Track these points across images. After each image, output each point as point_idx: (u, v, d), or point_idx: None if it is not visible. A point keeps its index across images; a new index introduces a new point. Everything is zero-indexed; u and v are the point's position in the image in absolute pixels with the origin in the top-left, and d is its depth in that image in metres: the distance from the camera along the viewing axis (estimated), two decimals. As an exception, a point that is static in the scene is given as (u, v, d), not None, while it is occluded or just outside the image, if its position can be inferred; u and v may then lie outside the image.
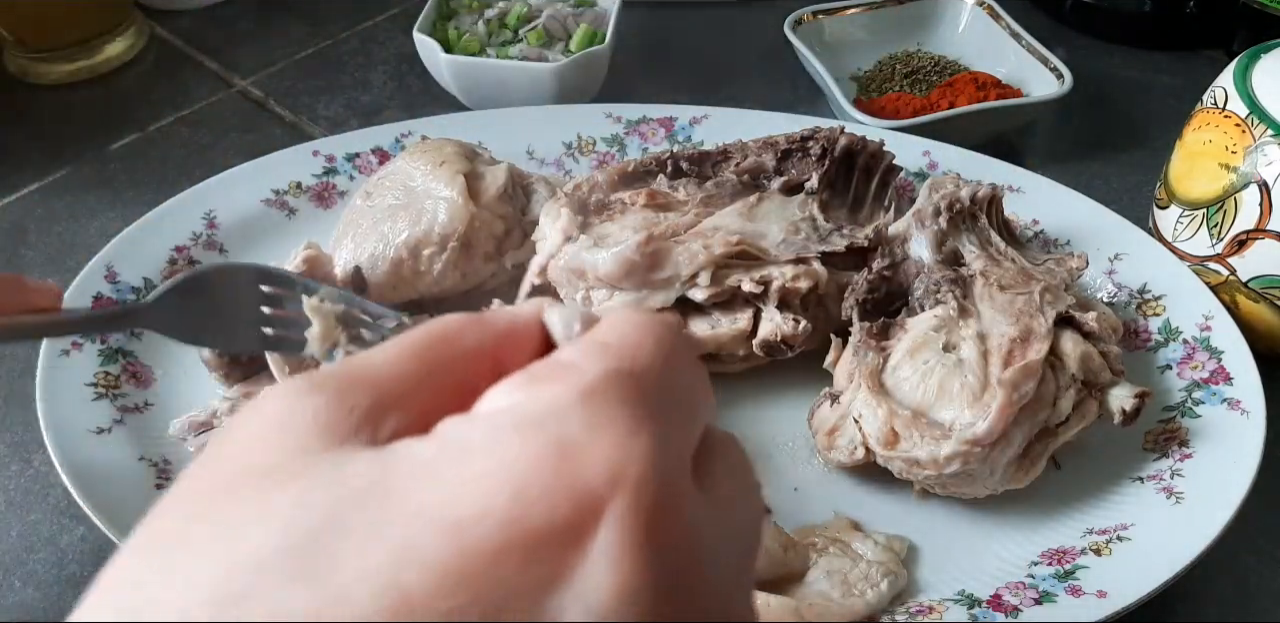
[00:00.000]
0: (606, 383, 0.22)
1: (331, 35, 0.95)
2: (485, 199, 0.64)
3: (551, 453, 0.20)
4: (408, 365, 0.24)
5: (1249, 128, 0.61)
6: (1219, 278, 0.64)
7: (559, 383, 0.22)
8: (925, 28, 0.91)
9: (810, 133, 0.66)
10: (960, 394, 0.54)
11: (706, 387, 0.26)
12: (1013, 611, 0.51)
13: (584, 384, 0.22)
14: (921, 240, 0.62)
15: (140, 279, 0.65)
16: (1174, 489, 0.56)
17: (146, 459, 0.57)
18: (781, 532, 0.54)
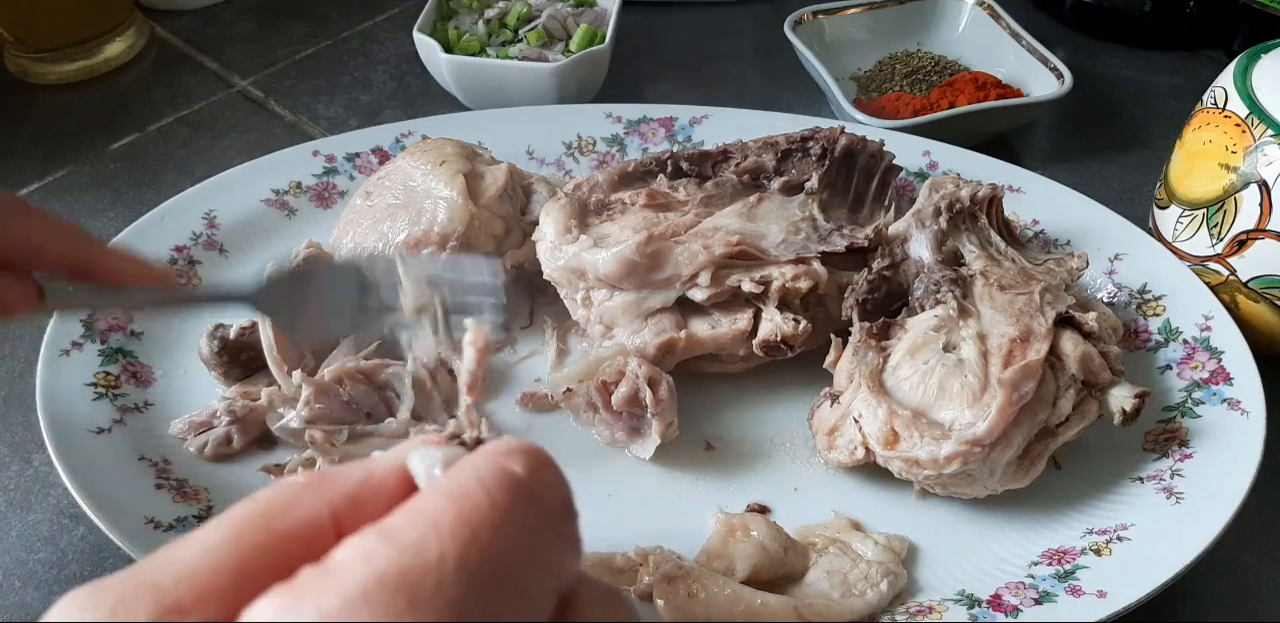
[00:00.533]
0: (372, 593, 0.21)
1: (331, 35, 0.95)
2: (485, 199, 0.64)
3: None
4: (218, 558, 0.23)
5: (1249, 128, 0.61)
6: (1219, 278, 0.64)
7: (319, 597, 0.21)
8: (925, 28, 0.91)
9: (810, 133, 0.66)
10: (960, 394, 0.54)
11: (559, 542, 0.25)
12: (1013, 611, 0.51)
13: (346, 597, 0.21)
14: (921, 240, 0.62)
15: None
16: (1174, 489, 0.56)
17: (146, 459, 0.57)
18: (781, 532, 0.54)
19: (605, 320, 0.61)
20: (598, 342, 0.61)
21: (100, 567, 0.56)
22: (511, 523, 0.23)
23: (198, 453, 0.58)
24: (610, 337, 0.61)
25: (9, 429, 0.63)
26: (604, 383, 0.58)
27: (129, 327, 0.63)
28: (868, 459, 0.55)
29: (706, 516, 0.56)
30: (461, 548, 0.22)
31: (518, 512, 0.23)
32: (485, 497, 0.23)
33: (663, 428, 0.58)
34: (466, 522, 0.22)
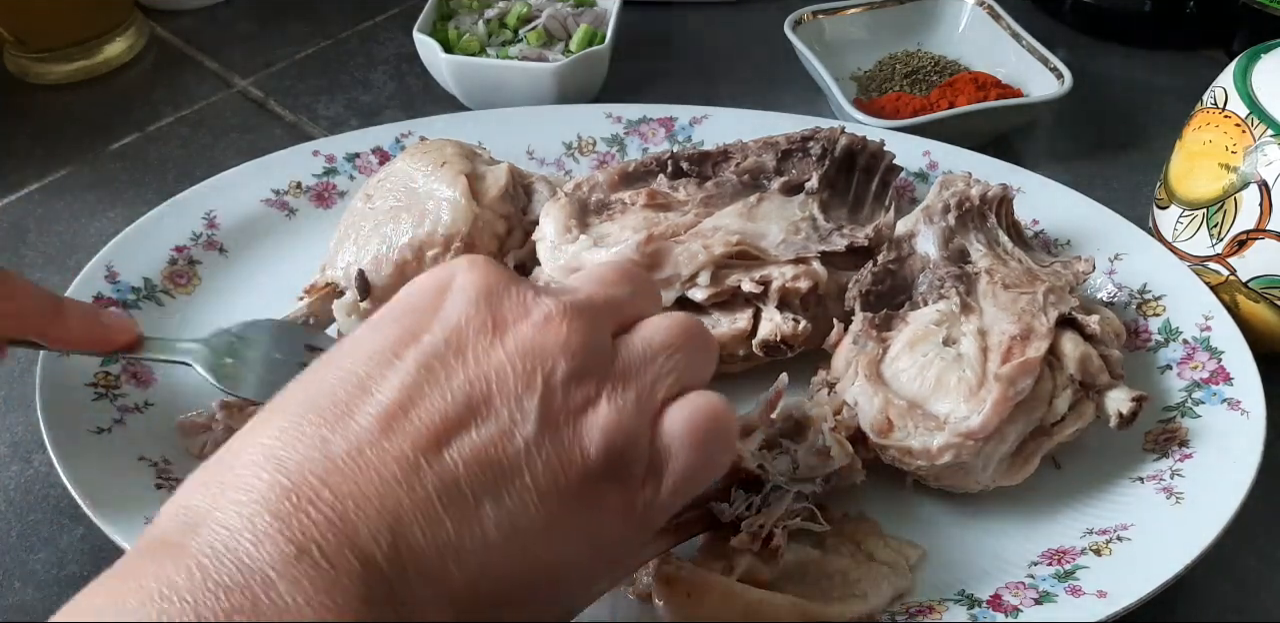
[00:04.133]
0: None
1: (331, 35, 0.95)
2: (487, 199, 0.64)
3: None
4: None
5: (1249, 128, 0.61)
6: (1219, 278, 0.64)
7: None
8: (925, 28, 0.91)
9: (810, 133, 0.66)
10: (957, 388, 0.54)
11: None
12: (1013, 611, 0.51)
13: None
14: (929, 236, 0.62)
15: (140, 279, 0.65)
16: (1174, 489, 0.56)
17: (146, 459, 0.56)
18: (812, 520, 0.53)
19: (605, 320, 0.61)
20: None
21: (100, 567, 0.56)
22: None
23: (197, 453, 0.58)
24: (610, 337, 0.61)
25: (9, 429, 0.63)
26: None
27: (129, 327, 0.63)
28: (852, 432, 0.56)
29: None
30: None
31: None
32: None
33: (663, 428, 0.58)
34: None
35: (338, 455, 0.32)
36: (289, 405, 0.34)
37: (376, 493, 0.31)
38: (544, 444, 0.33)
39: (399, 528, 0.31)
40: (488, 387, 0.34)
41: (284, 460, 0.32)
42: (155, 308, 0.65)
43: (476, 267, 0.37)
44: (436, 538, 0.31)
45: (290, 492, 0.31)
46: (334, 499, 0.31)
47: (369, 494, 0.31)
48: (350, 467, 0.31)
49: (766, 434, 0.54)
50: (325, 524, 0.30)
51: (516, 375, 0.34)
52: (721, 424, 0.37)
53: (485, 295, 0.36)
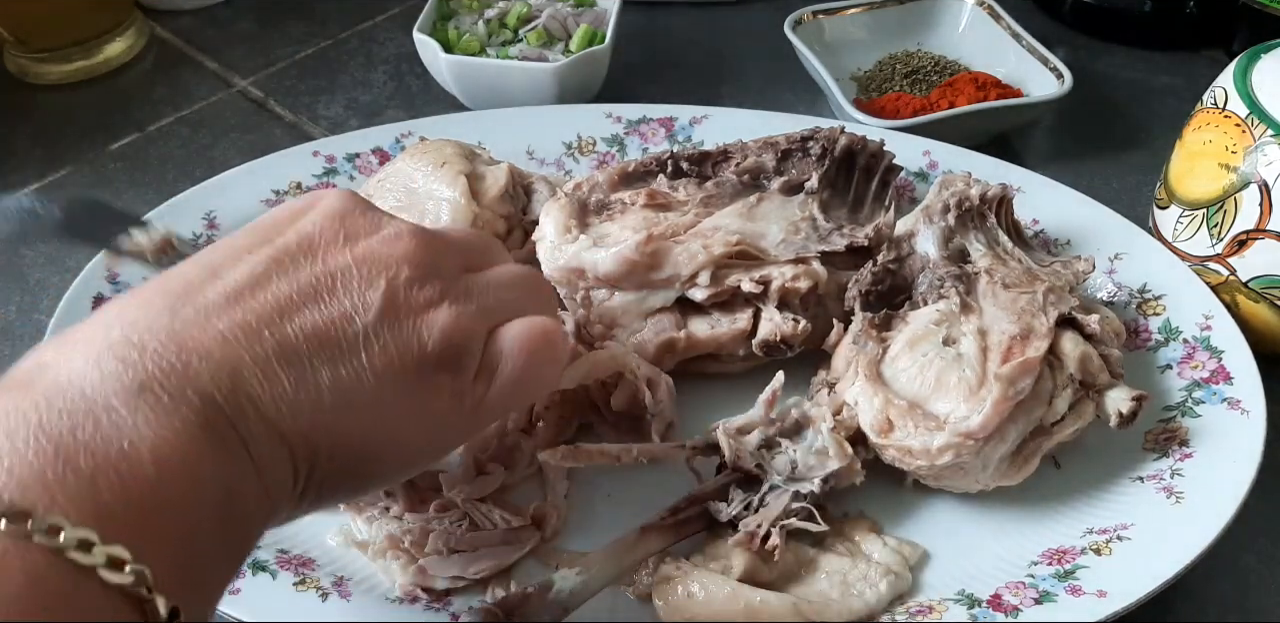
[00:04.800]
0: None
1: (331, 35, 0.95)
2: (487, 199, 0.64)
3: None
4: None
5: (1249, 128, 0.61)
6: (1219, 278, 0.64)
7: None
8: (925, 28, 0.91)
9: (810, 133, 0.66)
10: (957, 388, 0.54)
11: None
12: (1013, 611, 0.51)
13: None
14: (929, 236, 0.62)
15: (140, 279, 0.65)
16: (1174, 489, 0.56)
17: (146, 459, 0.56)
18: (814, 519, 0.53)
19: (605, 320, 0.61)
20: (598, 342, 0.61)
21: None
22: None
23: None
24: (610, 337, 0.61)
25: (9, 429, 0.62)
26: (603, 384, 0.58)
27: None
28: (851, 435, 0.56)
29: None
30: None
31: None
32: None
33: (662, 429, 0.58)
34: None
35: (184, 319, 0.35)
36: (146, 288, 0.37)
37: (219, 350, 0.35)
38: (382, 332, 0.38)
39: (238, 378, 0.34)
40: (332, 281, 0.38)
41: (134, 321, 0.35)
42: (155, 308, 0.65)
43: (339, 195, 0.42)
44: (273, 390, 0.35)
45: (136, 345, 0.34)
46: (178, 351, 0.34)
47: (211, 350, 0.34)
48: (195, 328, 0.35)
49: (765, 434, 0.54)
50: (168, 369, 0.33)
51: (361, 276, 0.38)
52: (551, 340, 0.43)
53: (341, 214, 0.40)
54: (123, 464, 0.30)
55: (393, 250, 0.40)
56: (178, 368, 0.33)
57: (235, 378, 0.34)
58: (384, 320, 0.38)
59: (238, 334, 0.35)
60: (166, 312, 0.35)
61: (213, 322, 0.35)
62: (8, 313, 0.69)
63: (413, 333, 0.38)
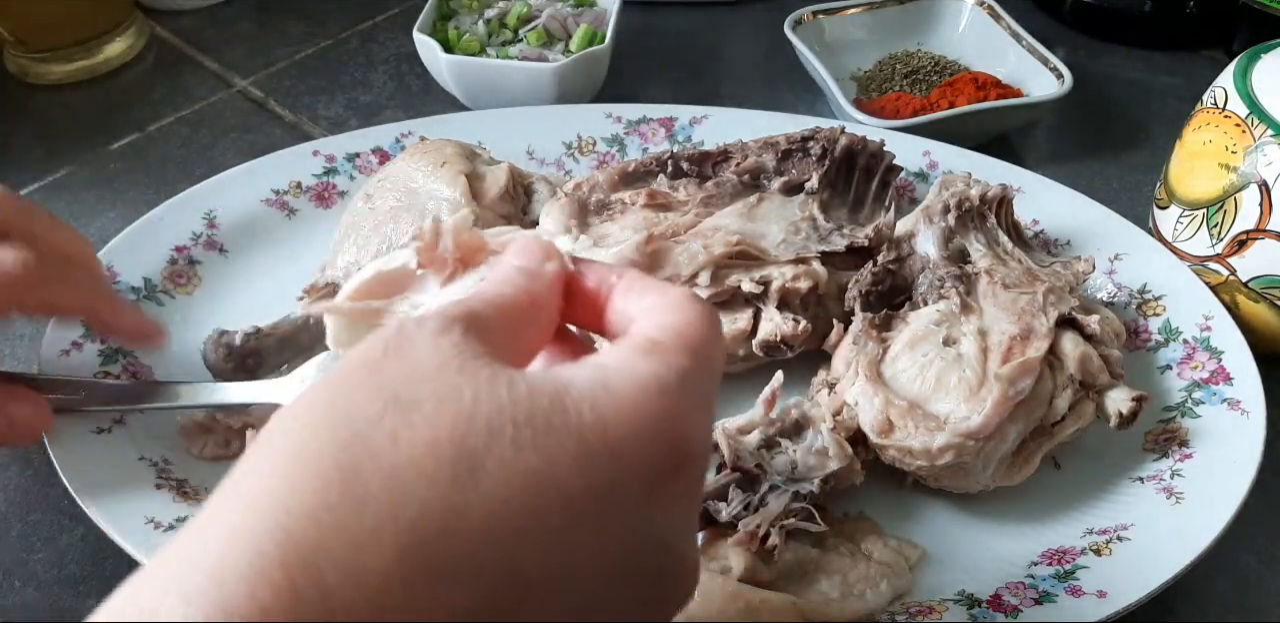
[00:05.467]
0: (692, 370, 0.31)
1: (331, 35, 0.95)
2: (487, 199, 0.64)
3: (673, 419, 0.30)
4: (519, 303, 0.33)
5: (1249, 128, 0.61)
6: (1219, 278, 0.64)
7: (666, 359, 0.31)
8: (925, 28, 0.91)
9: (810, 133, 0.66)
10: (957, 388, 0.54)
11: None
12: (1013, 611, 0.51)
13: (678, 365, 0.31)
14: (929, 236, 0.62)
15: (140, 279, 0.65)
16: (1174, 489, 0.56)
17: (146, 459, 0.56)
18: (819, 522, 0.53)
19: (605, 320, 0.61)
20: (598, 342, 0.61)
21: (100, 567, 0.56)
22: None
23: (197, 454, 0.58)
24: (610, 337, 0.61)
25: (9, 429, 0.62)
26: (604, 383, 0.58)
27: (129, 327, 0.63)
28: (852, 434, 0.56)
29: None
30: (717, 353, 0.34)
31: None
32: (714, 330, 0.34)
33: (663, 428, 0.58)
34: (716, 340, 0.34)
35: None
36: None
37: None
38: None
39: None
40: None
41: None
42: (155, 308, 0.65)
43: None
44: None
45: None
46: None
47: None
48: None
49: (765, 434, 0.54)
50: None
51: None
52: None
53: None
54: None
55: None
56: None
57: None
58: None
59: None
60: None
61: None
62: (8, 313, 0.69)
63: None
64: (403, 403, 0.27)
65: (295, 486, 0.26)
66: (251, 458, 0.28)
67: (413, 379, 0.28)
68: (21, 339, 0.67)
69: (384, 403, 0.27)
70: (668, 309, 0.33)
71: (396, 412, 0.27)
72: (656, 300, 0.33)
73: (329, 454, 0.26)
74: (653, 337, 0.31)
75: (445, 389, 0.28)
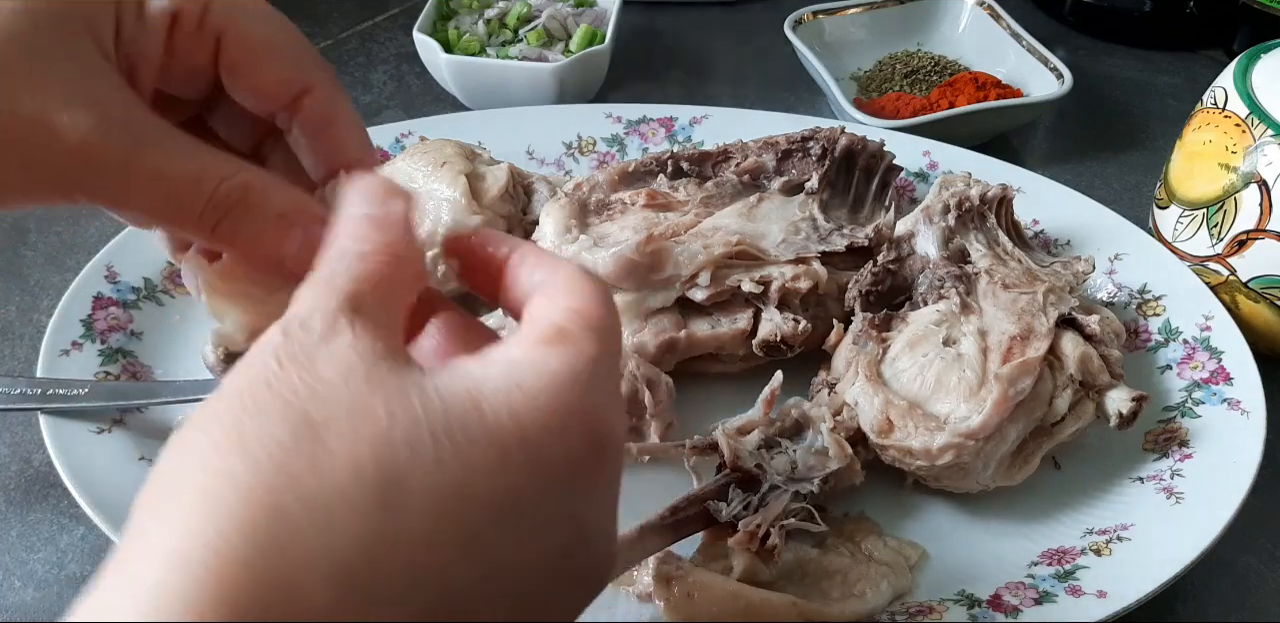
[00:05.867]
0: (600, 357, 0.30)
1: (331, 35, 0.95)
2: (487, 199, 0.64)
3: (588, 411, 0.29)
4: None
5: (1249, 128, 0.61)
6: (1219, 278, 0.64)
7: (575, 349, 0.30)
8: (925, 28, 0.91)
9: (810, 133, 0.66)
10: (957, 388, 0.54)
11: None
12: (1013, 611, 0.51)
13: (587, 353, 0.30)
14: (928, 236, 0.62)
15: (140, 279, 0.65)
16: (1174, 489, 0.56)
17: (146, 459, 0.56)
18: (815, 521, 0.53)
19: (605, 320, 0.61)
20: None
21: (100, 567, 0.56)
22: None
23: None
24: (610, 337, 0.61)
25: (9, 429, 0.63)
26: (604, 383, 0.58)
27: (129, 327, 0.63)
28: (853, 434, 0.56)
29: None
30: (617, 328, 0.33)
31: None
32: (610, 303, 0.33)
33: (662, 429, 0.58)
34: (614, 315, 0.33)
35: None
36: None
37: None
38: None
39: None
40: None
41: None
42: (155, 308, 0.65)
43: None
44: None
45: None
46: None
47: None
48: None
49: (765, 434, 0.54)
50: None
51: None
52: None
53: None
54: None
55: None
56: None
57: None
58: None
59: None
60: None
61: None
62: (8, 313, 0.69)
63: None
64: (316, 425, 0.26)
65: (222, 530, 0.25)
66: (166, 489, 0.26)
67: (319, 396, 0.27)
68: (21, 339, 0.67)
69: (295, 425, 0.26)
70: (565, 289, 0.32)
71: (311, 436, 0.26)
72: (549, 277, 0.33)
73: (252, 493, 0.25)
74: (559, 324, 0.31)
75: (357, 406, 0.27)
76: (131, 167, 0.33)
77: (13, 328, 0.68)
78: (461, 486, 0.27)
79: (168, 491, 0.26)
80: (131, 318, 0.64)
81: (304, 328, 0.29)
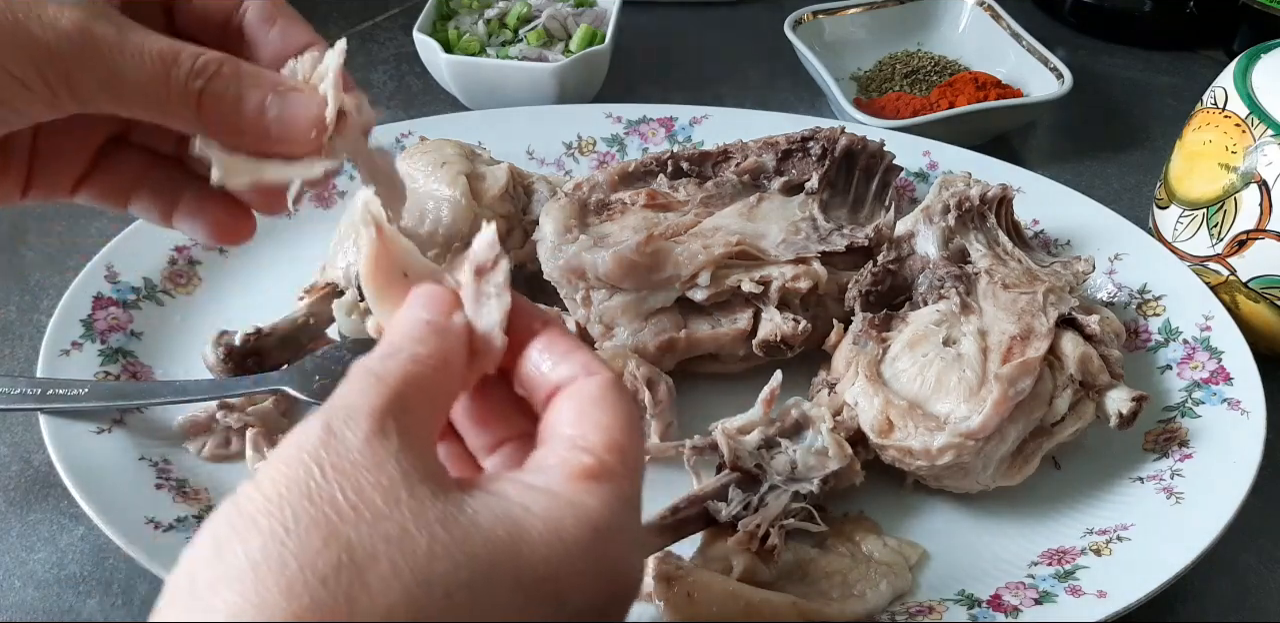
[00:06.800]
0: (634, 497, 0.31)
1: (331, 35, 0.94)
2: (487, 199, 0.64)
3: (617, 557, 0.30)
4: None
5: (1249, 128, 0.61)
6: (1219, 278, 0.64)
7: (615, 488, 0.31)
8: (925, 28, 0.91)
9: (810, 133, 0.66)
10: (957, 388, 0.54)
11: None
12: (1013, 611, 0.51)
13: (624, 495, 0.31)
14: (928, 236, 0.62)
15: (140, 279, 0.65)
16: (1174, 489, 0.56)
17: (146, 459, 0.57)
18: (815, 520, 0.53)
19: (605, 320, 0.61)
20: (598, 342, 0.61)
21: (100, 567, 0.56)
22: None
23: (197, 453, 0.58)
24: (610, 337, 0.61)
25: (9, 429, 0.63)
26: (604, 383, 0.58)
27: (129, 327, 0.63)
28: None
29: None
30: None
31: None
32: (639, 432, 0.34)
33: (662, 429, 0.58)
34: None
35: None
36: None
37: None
38: None
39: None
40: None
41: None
42: (155, 308, 0.65)
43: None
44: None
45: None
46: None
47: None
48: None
49: (765, 434, 0.54)
50: None
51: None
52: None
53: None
54: None
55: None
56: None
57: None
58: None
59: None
60: None
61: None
62: (8, 313, 0.69)
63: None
64: (358, 560, 0.26)
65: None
66: (197, 601, 0.26)
67: (364, 521, 0.27)
68: (21, 340, 0.67)
69: (337, 555, 0.26)
70: (599, 405, 0.32)
71: (352, 570, 0.26)
72: (596, 394, 0.33)
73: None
74: (602, 459, 0.31)
75: (399, 537, 0.27)
76: (122, 45, 0.35)
77: (13, 328, 0.68)
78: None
79: (197, 598, 0.26)
80: (131, 318, 0.64)
81: (350, 426, 0.29)
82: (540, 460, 0.31)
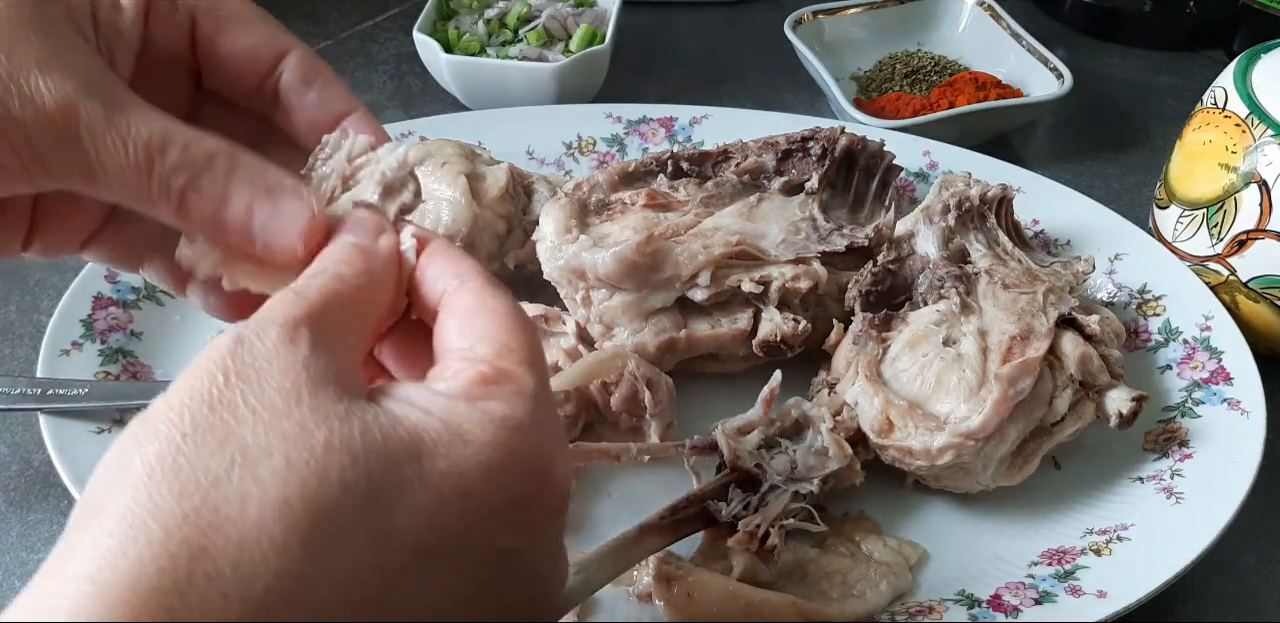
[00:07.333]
0: (539, 390, 0.31)
1: (331, 35, 0.95)
2: (487, 199, 0.64)
3: (528, 454, 0.29)
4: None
5: (1249, 128, 0.61)
6: (1219, 278, 0.64)
7: (514, 388, 0.30)
8: (925, 28, 0.91)
9: (810, 133, 0.66)
10: (957, 388, 0.54)
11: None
12: (1013, 611, 0.51)
13: (525, 391, 0.30)
14: (928, 236, 0.62)
15: (140, 279, 0.65)
16: (1174, 489, 0.56)
17: (146, 459, 0.56)
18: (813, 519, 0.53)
19: (605, 320, 0.61)
20: (598, 342, 0.61)
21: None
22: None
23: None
24: (610, 337, 0.61)
25: (9, 429, 0.63)
26: (603, 384, 0.58)
27: (129, 327, 0.63)
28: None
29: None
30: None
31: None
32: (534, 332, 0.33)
33: (662, 429, 0.58)
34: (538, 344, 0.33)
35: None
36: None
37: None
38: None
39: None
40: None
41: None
42: (155, 308, 0.65)
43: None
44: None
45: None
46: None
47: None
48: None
49: (765, 434, 0.54)
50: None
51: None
52: None
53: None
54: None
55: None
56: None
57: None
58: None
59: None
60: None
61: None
62: (8, 313, 0.69)
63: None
64: (251, 457, 0.26)
65: (143, 562, 0.24)
66: (94, 508, 0.26)
67: (261, 422, 0.26)
68: (21, 340, 0.67)
69: (231, 455, 0.26)
70: (479, 314, 0.32)
71: (245, 467, 0.26)
72: (471, 303, 0.32)
73: (176, 529, 0.25)
74: (494, 364, 0.30)
75: (295, 434, 0.26)
76: (106, 129, 0.32)
77: (13, 328, 0.68)
78: (389, 531, 0.26)
79: (95, 511, 0.26)
80: (131, 318, 0.64)
81: (260, 335, 0.28)
82: (438, 374, 0.31)
